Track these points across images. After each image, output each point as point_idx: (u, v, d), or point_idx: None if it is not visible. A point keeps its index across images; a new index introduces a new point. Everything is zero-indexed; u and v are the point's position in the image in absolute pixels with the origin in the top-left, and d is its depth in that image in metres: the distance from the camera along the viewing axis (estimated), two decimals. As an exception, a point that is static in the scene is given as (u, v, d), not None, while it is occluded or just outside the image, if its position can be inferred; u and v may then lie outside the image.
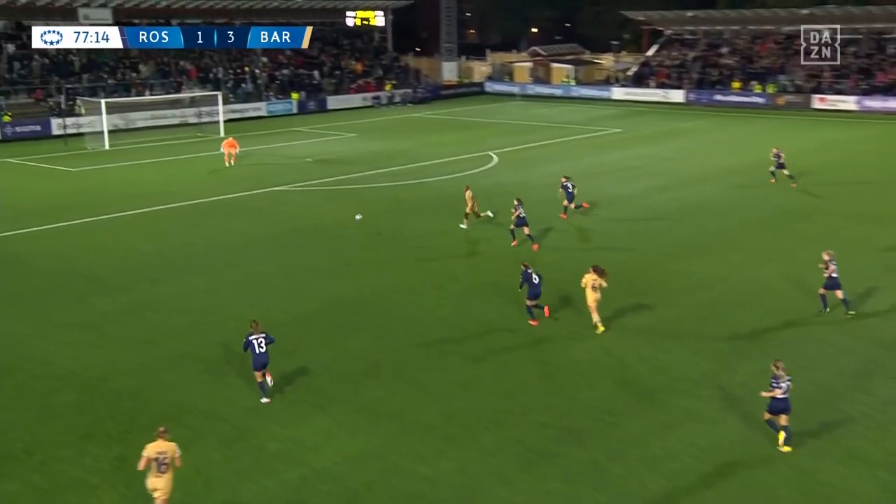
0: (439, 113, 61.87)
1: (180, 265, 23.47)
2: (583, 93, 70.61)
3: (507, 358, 17.34)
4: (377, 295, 21.12)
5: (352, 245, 25.62)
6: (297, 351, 17.64)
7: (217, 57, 63.04)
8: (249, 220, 28.73)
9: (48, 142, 46.84)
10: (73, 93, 52.21)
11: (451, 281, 22.15)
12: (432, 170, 38.30)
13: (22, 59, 54.30)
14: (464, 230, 26.58)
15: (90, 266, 23.38)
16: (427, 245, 24.97)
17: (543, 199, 32.03)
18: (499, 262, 23.24)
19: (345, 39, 74.73)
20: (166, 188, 34.15)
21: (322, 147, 45.33)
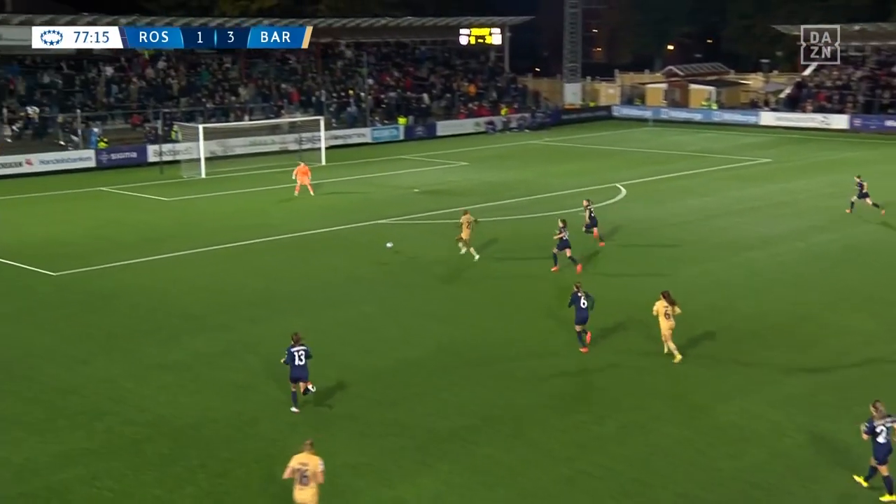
0: (561, 140, 61.84)
1: (280, 303, 24.12)
2: (726, 118, 69.28)
3: (636, 417, 17.00)
4: (492, 341, 21.16)
5: (464, 284, 25.76)
6: (401, 401, 17.80)
7: (320, 79, 65.10)
8: (352, 256, 29.32)
9: (144, 169, 49.25)
10: (171, 118, 54.84)
11: (570, 323, 21.94)
12: (553, 203, 38.24)
13: (120, 83, 57.50)
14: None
15: (185, 303, 24.32)
16: (550, 286, 24.83)
17: (681, 238, 31.43)
18: (631, 309, 22.88)
19: (457, 59, 75.97)
20: (265, 220, 35.20)
21: (431, 177, 45.96)
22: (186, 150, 50.14)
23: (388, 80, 68.62)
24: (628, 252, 29.51)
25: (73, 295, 25.16)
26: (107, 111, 55.09)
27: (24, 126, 51.98)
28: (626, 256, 28.92)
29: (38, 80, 55.41)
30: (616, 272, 27.00)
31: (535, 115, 69.33)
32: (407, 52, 74.15)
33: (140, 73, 58.95)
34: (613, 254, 29.33)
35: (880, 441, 13.77)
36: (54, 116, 52.74)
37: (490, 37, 73.02)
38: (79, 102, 54.21)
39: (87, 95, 55.54)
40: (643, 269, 27.19)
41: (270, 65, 65.17)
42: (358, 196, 40.46)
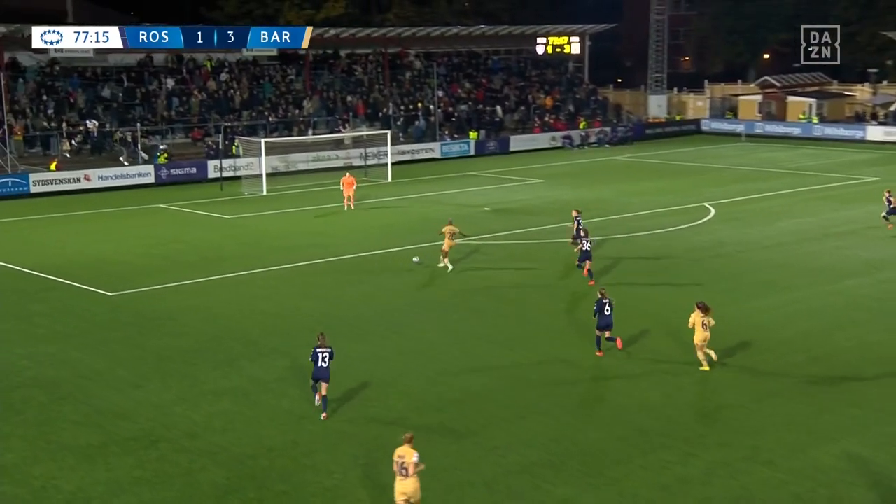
0: (644, 156, 61.38)
1: (338, 328, 24.33)
2: (827, 132, 67.98)
3: (723, 455, 16.69)
4: (568, 371, 21.06)
5: (537, 308, 25.69)
6: (467, 433, 17.79)
7: (387, 91, 65.82)
8: (416, 278, 29.46)
9: (203, 185, 50.34)
10: (232, 132, 55.99)
11: (664, 360, 21.70)
12: (634, 223, 38.03)
13: (181, 95, 59.00)
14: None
15: (242, 326, 24.72)
16: (633, 313, 24.60)
17: (774, 262, 30.90)
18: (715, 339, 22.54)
19: (533, 70, 76.11)
20: (327, 239, 35.63)
21: (502, 194, 46.03)
22: (247, 166, 51.14)
23: (458, 91, 69.07)
24: (717, 277, 29.11)
25: (127, 316, 25.78)
26: (167, 125, 56.49)
27: (84, 140, 53.66)
28: (715, 281, 28.53)
29: (97, 92, 57.17)
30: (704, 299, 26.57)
31: (616, 130, 69.00)
32: (479, 63, 74.59)
33: (201, 85, 60.37)
34: (701, 277, 28.96)
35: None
36: (114, 130, 54.33)
37: (569, 46, 72.91)
38: (138, 116, 55.76)
39: (147, 108, 57.08)
40: (733, 296, 26.77)
41: (335, 76, 66.18)
42: (424, 214, 40.78)
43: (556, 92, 73.32)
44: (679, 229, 36.65)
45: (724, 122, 74.49)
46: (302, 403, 19.47)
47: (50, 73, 56.76)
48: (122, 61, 59.42)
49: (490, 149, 63.11)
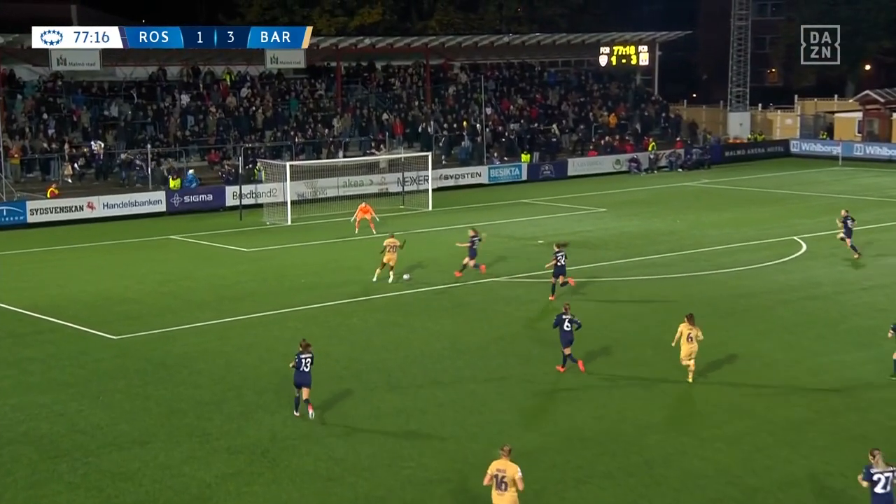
0: (723, 182, 61.06)
1: (371, 377, 24.41)
2: (940, 155, 67.21)
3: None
4: (632, 429, 20.93)
5: (593, 356, 25.51)
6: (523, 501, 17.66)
7: (428, 108, 66.20)
8: (459, 320, 29.56)
9: (220, 214, 50.89)
10: (254, 154, 56.65)
11: (740, 416, 21.50)
12: (711, 259, 37.79)
13: (197, 113, 59.85)
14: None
15: (260, 373, 24.86)
16: (707, 364, 24.36)
17: (880, 306, 30.50)
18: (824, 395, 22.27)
19: (595, 84, 76.23)
20: (358, 276, 35.72)
21: (558, 225, 45.95)
22: (270, 192, 51.66)
23: (510, 108, 69.38)
24: (808, 321, 28.85)
25: (133, 362, 26.04)
26: (181, 146, 57.31)
27: (87, 164, 54.53)
28: (806, 327, 28.26)
29: (103, 110, 58.15)
30: (794, 346, 26.28)
31: (690, 152, 68.76)
32: (533, 76, 74.95)
33: (220, 101, 61.22)
34: (789, 322, 28.69)
35: (878, 491, 15.38)
36: (121, 152, 55.18)
37: (636, 56, 73.01)
38: (149, 136, 56.65)
39: (159, 128, 57.97)
40: (828, 345, 26.52)
41: (370, 91, 66.81)
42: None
43: (621, 109, 73.36)
44: (764, 267, 36.30)
45: (817, 144, 73.87)
46: (328, 463, 19.49)
47: (52, 89, 57.82)
48: (132, 75, 60.51)
49: (545, 173, 63.19)
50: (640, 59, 73.19)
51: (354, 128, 62.97)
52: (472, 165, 61.86)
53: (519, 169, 62.46)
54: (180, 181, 52.75)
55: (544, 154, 65.43)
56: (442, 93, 68.93)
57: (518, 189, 58.89)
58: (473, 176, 60.79)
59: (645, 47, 73.12)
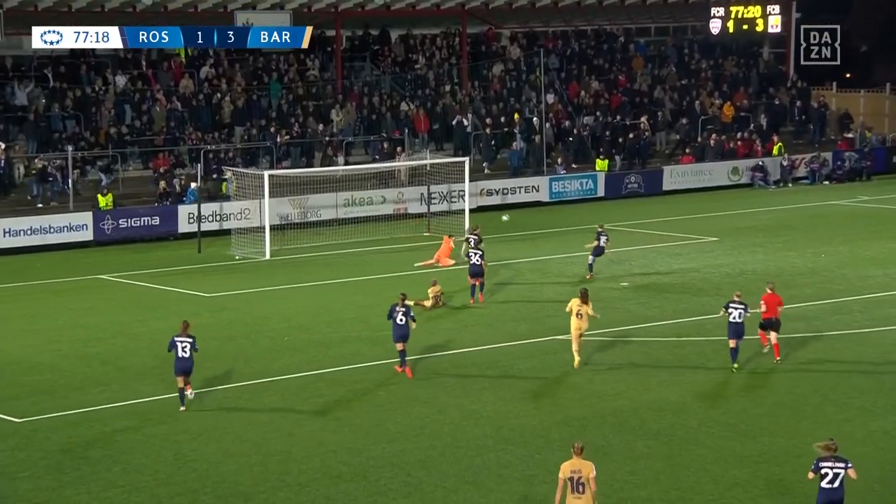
0: (890, 199, 60.80)
1: (377, 474, 24.33)
2: None
3: None
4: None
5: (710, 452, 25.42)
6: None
7: (465, 95, 65.97)
8: (507, 396, 29.50)
9: (171, 245, 50.91)
10: (218, 159, 56.72)
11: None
12: (873, 311, 37.63)
13: (138, 102, 59.88)
14: None
15: (221, 471, 24.73)
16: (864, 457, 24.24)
17: None
18: None
19: (703, 60, 76.08)
20: (364, 331, 35.69)
21: (651, 261, 45.81)
22: (241, 214, 51.95)
23: (580, 95, 69.37)
24: None
25: (43, 455, 25.85)
26: (115, 148, 57.29)
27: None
28: None
29: (4, 97, 58.06)
30: None
31: (842, 157, 68.38)
32: (615, 49, 74.95)
33: (171, 85, 61.48)
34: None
35: (824, 486, 19.58)
36: (31, 157, 54.93)
37: (763, 20, 72.56)
38: (71, 134, 56.69)
39: (84, 123, 58.03)
40: None
41: (384, 70, 66.82)
42: (521, 292, 40.82)
43: (740, 95, 73.20)
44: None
45: None
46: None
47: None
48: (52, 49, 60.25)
49: (631, 187, 63.16)
50: (770, 24, 72.65)
51: (360, 123, 63.09)
52: (527, 176, 61.93)
53: (593, 181, 62.44)
54: (112, 198, 52.54)
55: (630, 160, 65.39)
56: (484, 73, 69.01)
57: (592, 209, 58.69)
58: (529, 191, 60.85)
59: (776, 7, 72.60)
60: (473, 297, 39.16)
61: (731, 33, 73.11)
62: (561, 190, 61.41)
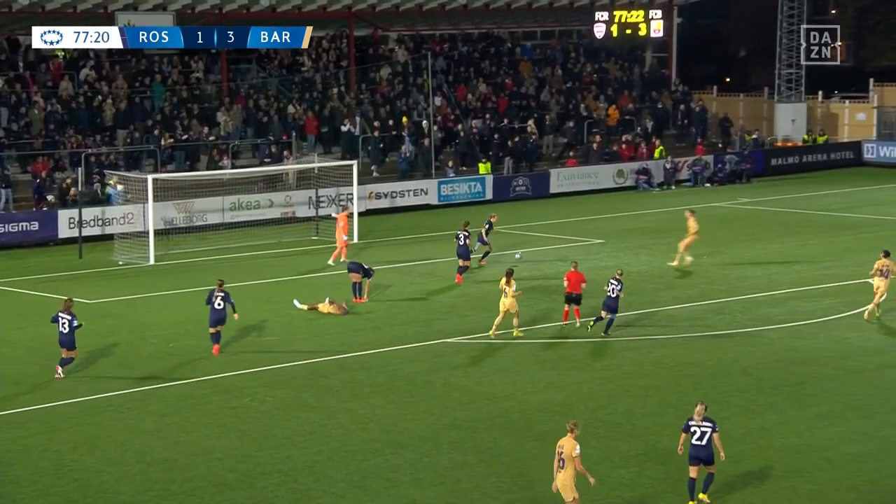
0: (769, 202, 61.63)
1: (266, 482, 24.23)
2: None
3: None
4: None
5: (596, 452, 25.59)
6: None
7: (353, 97, 65.98)
8: (395, 400, 29.46)
9: (50, 251, 50.18)
10: (100, 163, 55.99)
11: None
12: (753, 311, 37.97)
13: (15, 104, 58.97)
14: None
15: (105, 480, 24.46)
16: (740, 464, 24.46)
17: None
18: None
19: (588, 62, 76.66)
20: (255, 336, 35.63)
21: (537, 264, 45.96)
22: (125, 219, 51.39)
23: (468, 98, 69.57)
24: (891, 398, 29.04)
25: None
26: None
27: None
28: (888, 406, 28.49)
29: None
30: (867, 429, 26.55)
31: (722, 160, 69.29)
32: (502, 53, 75.27)
33: (49, 86, 60.67)
34: (863, 399, 28.86)
35: (694, 442, 22.25)
36: None
37: (646, 25, 73.33)
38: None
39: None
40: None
41: (270, 73, 66.64)
42: (411, 296, 40.86)
43: (624, 99, 73.87)
44: (827, 321, 36.63)
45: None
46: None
47: None
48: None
49: (518, 190, 63.42)
50: (652, 28, 73.49)
51: (247, 126, 62.83)
52: (416, 179, 62.00)
53: (482, 184, 62.59)
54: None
55: (517, 163, 65.65)
56: (372, 76, 69.02)
57: (480, 212, 58.71)
58: (417, 194, 60.91)
59: (658, 12, 73.47)
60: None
61: (615, 37, 73.71)
62: (449, 193, 61.53)
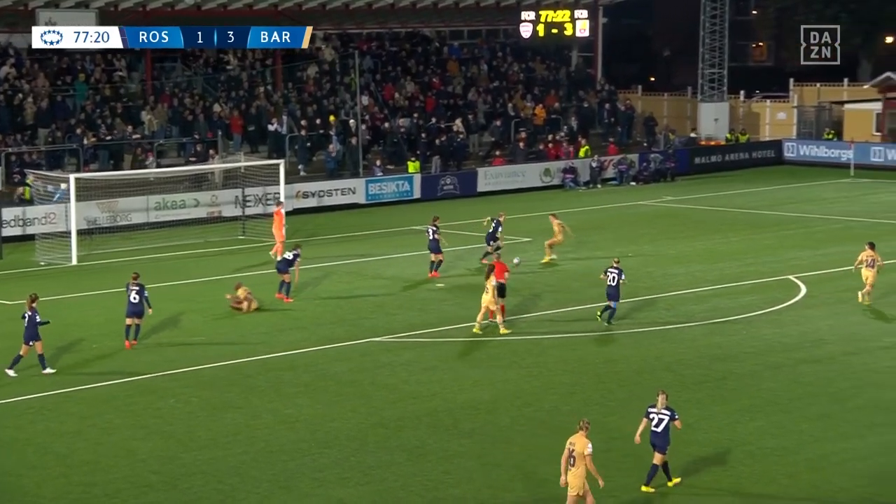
0: (692, 200, 62.01)
1: (191, 483, 24.13)
2: None
3: None
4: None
5: (521, 449, 25.67)
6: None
7: (280, 96, 65.79)
8: (322, 399, 29.47)
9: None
10: (20, 163, 55.43)
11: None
12: (676, 308, 38.21)
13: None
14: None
15: (27, 484, 24.28)
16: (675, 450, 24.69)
17: None
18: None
19: (515, 62, 76.84)
20: (179, 336, 35.48)
21: (467, 262, 46.04)
22: (46, 219, 50.92)
23: (395, 97, 69.55)
24: (808, 394, 29.36)
25: None
26: None
27: None
28: (805, 402, 28.80)
29: None
30: (788, 426, 26.84)
31: (647, 158, 69.73)
32: (429, 52, 75.30)
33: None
34: (781, 395, 29.15)
35: (652, 429, 23.15)
36: None
37: (572, 25, 73.47)
38: None
39: None
40: (836, 427, 27.07)
41: (195, 71, 66.25)
42: (338, 295, 40.79)
43: (551, 98, 74.09)
44: (748, 318, 36.89)
45: (820, 146, 75.52)
46: None
47: None
48: None
49: (446, 189, 63.47)
50: (578, 28, 73.50)
51: (172, 125, 62.41)
52: (344, 178, 61.90)
53: (409, 182, 62.63)
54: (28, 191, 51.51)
55: (445, 162, 65.68)
56: (299, 75, 68.82)
57: (408, 211, 58.84)
58: (345, 193, 60.81)
59: (584, 12, 73.52)
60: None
61: (542, 37, 73.79)
62: (377, 192, 61.46)
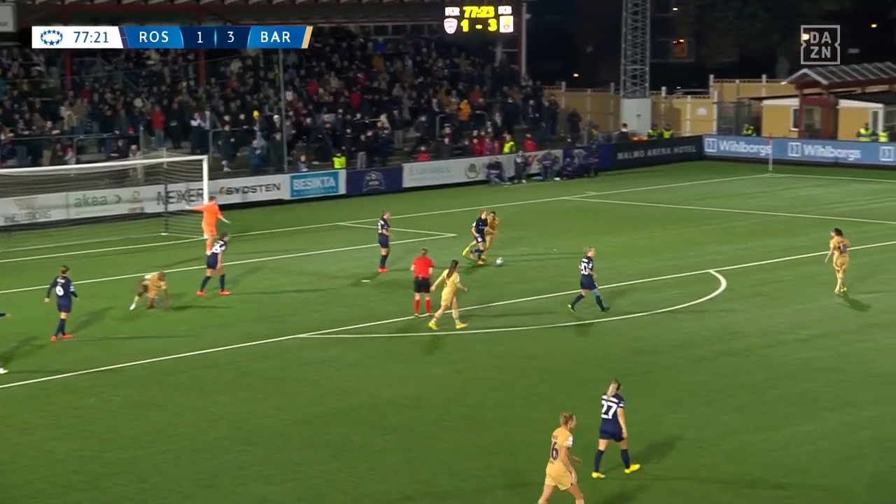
0: (614, 195, 62.31)
1: (112, 482, 24.03)
2: (904, 157, 70.04)
3: None
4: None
5: (447, 444, 25.76)
6: None
7: (203, 91, 65.51)
8: (245, 397, 29.38)
9: None
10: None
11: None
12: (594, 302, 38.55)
13: None
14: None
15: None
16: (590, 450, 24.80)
17: (819, 363, 31.51)
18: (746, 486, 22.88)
19: (440, 58, 76.87)
20: (98, 332, 35.31)
21: (390, 258, 46.05)
22: (-37, 216, 50.55)
23: (320, 92, 69.39)
24: (727, 386, 29.63)
25: None
26: None
27: None
28: (724, 393, 29.07)
29: None
30: (707, 417, 27.08)
31: (570, 154, 70.02)
32: (353, 47, 75.15)
33: None
34: (702, 386, 29.42)
35: (602, 416, 23.63)
36: None
37: (496, 21, 73.52)
38: None
39: None
40: (753, 418, 27.24)
41: (116, 67, 65.74)
42: (262, 293, 40.68)
43: (476, 94, 74.19)
44: (669, 312, 37.16)
45: (740, 142, 76.23)
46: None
47: None
48: None
49: (372, 184, 63.46)
50: (502, 24, 73.52)
51: (92, 120, 61.95)
52: (268, 174, 61.72)
53: (335, 178, 62.57)
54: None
55: (370, 157, 65.64)
56: (222, 70, 68.50)
57: (333, 207, 58.87)
58: (270, 189, 60.66)
59: (508, 8, 73.61)
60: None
61: (466, 33, 73.77)
62: (302, 188, 61.37)
